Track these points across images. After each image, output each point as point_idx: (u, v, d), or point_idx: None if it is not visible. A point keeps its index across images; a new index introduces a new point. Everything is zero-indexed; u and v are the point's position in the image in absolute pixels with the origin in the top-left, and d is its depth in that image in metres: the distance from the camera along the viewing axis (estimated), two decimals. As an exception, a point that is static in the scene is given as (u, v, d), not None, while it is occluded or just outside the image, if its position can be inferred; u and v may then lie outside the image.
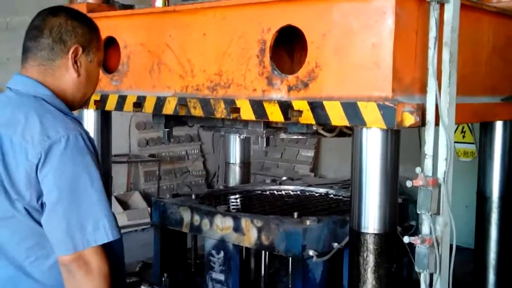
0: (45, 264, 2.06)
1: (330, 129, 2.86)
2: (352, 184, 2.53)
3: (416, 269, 2.42)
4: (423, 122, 2.40)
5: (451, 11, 2.37)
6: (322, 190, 4.10)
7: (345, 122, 2.44)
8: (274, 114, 2.63)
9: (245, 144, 4.60)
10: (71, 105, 2.20)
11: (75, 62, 2.15)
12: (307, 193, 4.09)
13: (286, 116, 2.58)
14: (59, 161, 1.95)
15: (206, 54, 2.94)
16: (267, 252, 3.25)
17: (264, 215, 3.21)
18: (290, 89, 2.63)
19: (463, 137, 6.35)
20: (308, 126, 2.75)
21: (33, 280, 2.06)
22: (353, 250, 2.56)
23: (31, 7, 2.25)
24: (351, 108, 2.40)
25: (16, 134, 1.99)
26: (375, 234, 2.48)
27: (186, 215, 3.41)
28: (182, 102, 2.97)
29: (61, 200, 1.95)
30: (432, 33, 2.37)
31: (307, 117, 2.54)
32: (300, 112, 2.54)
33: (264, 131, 2.91)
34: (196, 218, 3.35)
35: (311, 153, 8.65)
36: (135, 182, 8.40)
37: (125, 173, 8.18)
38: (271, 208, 3.53)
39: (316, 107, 2.50)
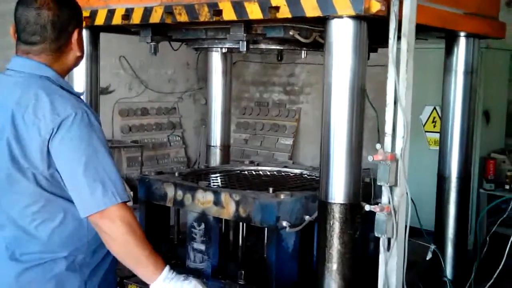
0: (50, 226, 2.26)
1: (306, 36, 3.17)
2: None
3: (376, 234, 2.72)
4: (387, 13, 2.66)
5: (408, 6, 2.66)
6: (296, 171, 4.36)
7: (318, 13, 2.70)
8: (254, 12, 2.89)
9: (226, 128, 4.88)
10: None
11: (78, 42, 2.38)
12: (283, 173, 4.35)
13: (264, 13, 2.85)
14: (68, 134, 2.17)
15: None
16: (244, 224, 3.52)
17: (242, 190, 3.44)
18: None
19: (434, 126, 6.60)
20: (285, 30, 3.06)
21: (37, 239, 2.26)
22: (321, 219, 2.86)
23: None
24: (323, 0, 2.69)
25: (27, 112, 2.20)
26: (340, 204, 2.79)
27: (170, 191, 3.62)
28: (168, 10, 3.20)
29: (75, 168, 2.16)
30: (392, 25, 2.67)
31: (284, 12, 2.80)
32: (277, 8, 2.81)
33: (245, 34, 3.13)
34: (179, 193, 3.56)
35: (289, 141, 8.93)
36: (118, 167, 8.55)
37: (108, 158, 8.35)
38: (248, 185, 3.75)
39: (292, 2, 2.77)
